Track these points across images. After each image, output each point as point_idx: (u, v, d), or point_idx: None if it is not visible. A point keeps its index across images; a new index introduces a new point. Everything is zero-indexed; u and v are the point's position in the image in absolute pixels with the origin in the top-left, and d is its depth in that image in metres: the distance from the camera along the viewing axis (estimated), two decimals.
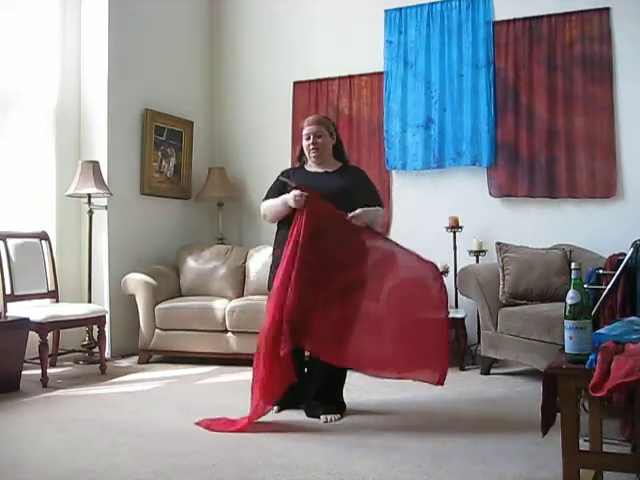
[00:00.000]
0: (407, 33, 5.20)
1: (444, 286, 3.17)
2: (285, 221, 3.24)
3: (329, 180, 3.23)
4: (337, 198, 3.11)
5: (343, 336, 3.04)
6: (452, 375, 4.13)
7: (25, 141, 4.64)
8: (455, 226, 4.81)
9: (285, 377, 2.97)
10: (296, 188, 3.07)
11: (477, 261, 4.74)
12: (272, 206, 3.26)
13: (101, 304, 4.70)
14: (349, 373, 3.33)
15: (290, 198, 3.09)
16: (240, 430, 2.90)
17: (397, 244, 3.26)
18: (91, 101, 4.97)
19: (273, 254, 3.36)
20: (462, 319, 4.43)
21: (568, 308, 1.92)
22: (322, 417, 3.11)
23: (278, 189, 3.27)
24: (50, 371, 4.09)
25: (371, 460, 2.53)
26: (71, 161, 4.86)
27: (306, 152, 3.31)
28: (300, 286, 2.94)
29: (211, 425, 2.97)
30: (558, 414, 1.90)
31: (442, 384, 3.04)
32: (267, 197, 3.33)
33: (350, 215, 3.09)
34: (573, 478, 1.87)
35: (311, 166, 3.33)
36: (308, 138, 3.27)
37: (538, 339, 3.73)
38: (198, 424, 2.99)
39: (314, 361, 3.22)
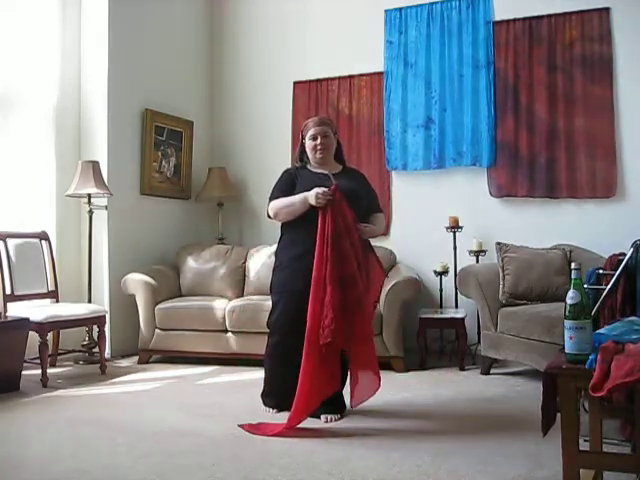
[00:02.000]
0: (407, 33, 5.20)
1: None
2: (291, 224, 3.22)
3: (339, 181, 3.21)
4: (348, 199, 3.11)
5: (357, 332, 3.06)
6: (452, 375, 4.16)
7: (25, 141, 4.64)
8: (455, 226, 4.81)
9: (329, 382, 2.96)
10: (334, 188, 3.05)
11: (477, 261, 4.74)
12: (286, 205, 3.18)
13: (101, 304, 4.70)
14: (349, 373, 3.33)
15: (312, 196, 3.04)
16: (279, 434, 2.87)
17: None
18: (91, 101, 4.97)
19: (277, 256, 3.33)
20: (462, 319, 4.43)
21: (568, 308, 1.92)
22: (322, 417, 3.10)
23: (286, 186, 3.24)
24: (50, 371, 4.09)
25: (371, 460, 2.53)
26: (71, 161, 4.86)
27: (311, 152, 3.27)
28: (335, 284, 2.91)
29: (253, 429, 2.94)
30: (558, 414, 1.90)
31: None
32: (275, 195, 3.27)
33: (364, 225, 3.13)
34: (573, 478, 1.87)
35: (315, 167, 3.32)
36: (315, 138, 3.24)
37: (538, 339, 3.73)
38: (241, 427, 2.97)
39: None
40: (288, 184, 3.25)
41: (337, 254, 2.95)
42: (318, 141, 3.24)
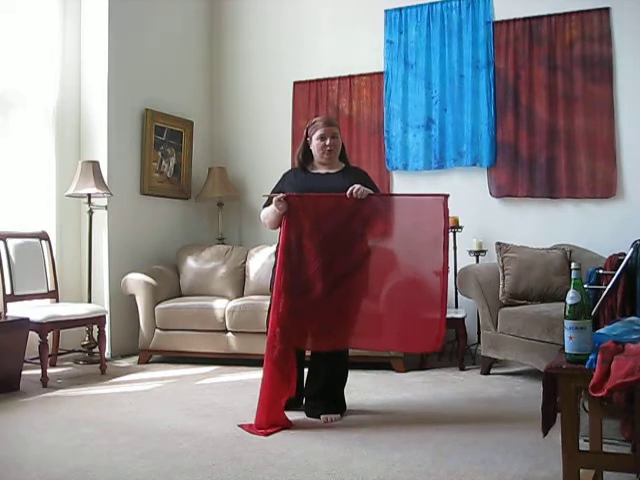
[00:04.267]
0: (407, 33, 5.20)
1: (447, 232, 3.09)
2: None
3: (332, 180, 3.22)
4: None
5: (344, 321, 3.07)
6: (452, 375, 4.16)
7: (25, 141, 4.64)
8: (455, 226, 4.80)
9: (285, 388, 2.99)
10: (287, 196, 3.06)
11: (477, 261, 4.74)
12: (266, 216, 3.26)
13: (101, 304, 4.70)
14: (349, 373, 3.33)
15: (274, 205, 3.09)
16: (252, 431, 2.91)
17: (398, 195, 3.28)
18: (91, 101, 4.97)
19: (276, 255, 3.34)
20: (462, 319, 4.43)
21: (568, 308, 1.92)
22: (322, 417, 3.10)
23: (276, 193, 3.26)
24: (50, 371, 4.09)
25: (371, 460, 2.53)
26: (71, 161, 4.86)
27: (318, 152, 3.25)
28: (286, 291, 2.97)
29: (253, 429, 2.94)
30: (558, 414, 1.90)
31: (438, 348, 3.11)
32: (264, 204, 3.30)
33: (348, 192, 3.03)
34: (573, 478, 1.87)
35: (315, 167, 3.31)
36: (323, 139, 3.22)
37: (538, 339, 3.73)
38: (241, 427, 2.98)
39: (315, 361, 3.22)
40: (277, 192, 3.23)
41: (298, 258, 3.01)
42: (327, 142, 3.22)
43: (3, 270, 4.18)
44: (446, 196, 3.05)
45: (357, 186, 3.03)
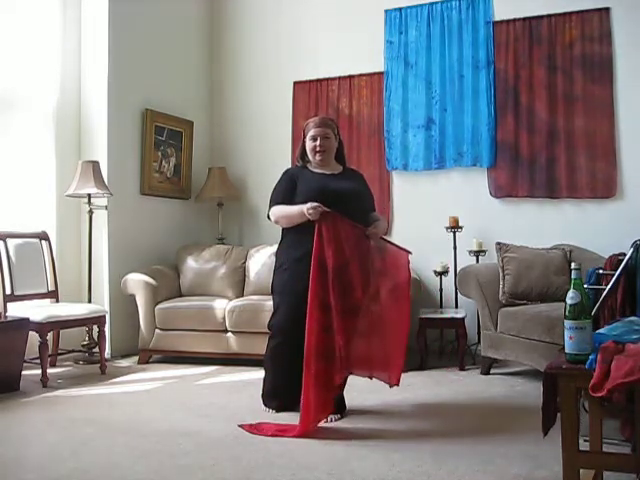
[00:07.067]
0: (407, 33, 5.20)
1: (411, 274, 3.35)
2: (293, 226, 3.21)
3: (340, 182, 3.22)
4: (352, 200, 3.14)
5: (363, 349, 3.12)
6: (452, 375, 4.16)
7: (25, 141, 4.64)
8: (455, 226, 4.81)
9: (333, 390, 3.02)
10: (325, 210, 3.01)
11: (477, 261, 4.74)
12: (287, 215, 3.17)
13: (101, 304, 4.70)
14: None
15: (305, 210, 3.00)
16: (294, 435, 2.86)
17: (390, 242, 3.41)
18: (91, 101, 4.98)
19: (278, 257, 3.31)
20: (462, 319, 4.43)
21: (568, 308, 1.92)
22: None
23: (288, 189, 3.21)
24: (50, 371, 4.09)
25: (371, 460, 2.54)
26: (71, 161, 4.86)
27: (310, 154, 3.25)
28: (341, 311, 2.93)
29: (253, 429, 2.93)
30: (558, 414, 1.90)
31: (397, 384, 3.15)
32: (276, 200, 3.24)
33: (368, 232, 3.11)
34: (573, 478, 1.87)
35: (315, 167, 3.31)
36: (315, 139, 3.22)
37: (538, 339, 3.73)
38: (241, 427, 2.97)
39: None
40: (289, 187, 3.22)
41: (344, 281, 2.95)
42: (318, 142, 3.22)
43: (3, 270, 4.18)
44: (409, 252, 3.28)
45: (377, 229, 3.17)
